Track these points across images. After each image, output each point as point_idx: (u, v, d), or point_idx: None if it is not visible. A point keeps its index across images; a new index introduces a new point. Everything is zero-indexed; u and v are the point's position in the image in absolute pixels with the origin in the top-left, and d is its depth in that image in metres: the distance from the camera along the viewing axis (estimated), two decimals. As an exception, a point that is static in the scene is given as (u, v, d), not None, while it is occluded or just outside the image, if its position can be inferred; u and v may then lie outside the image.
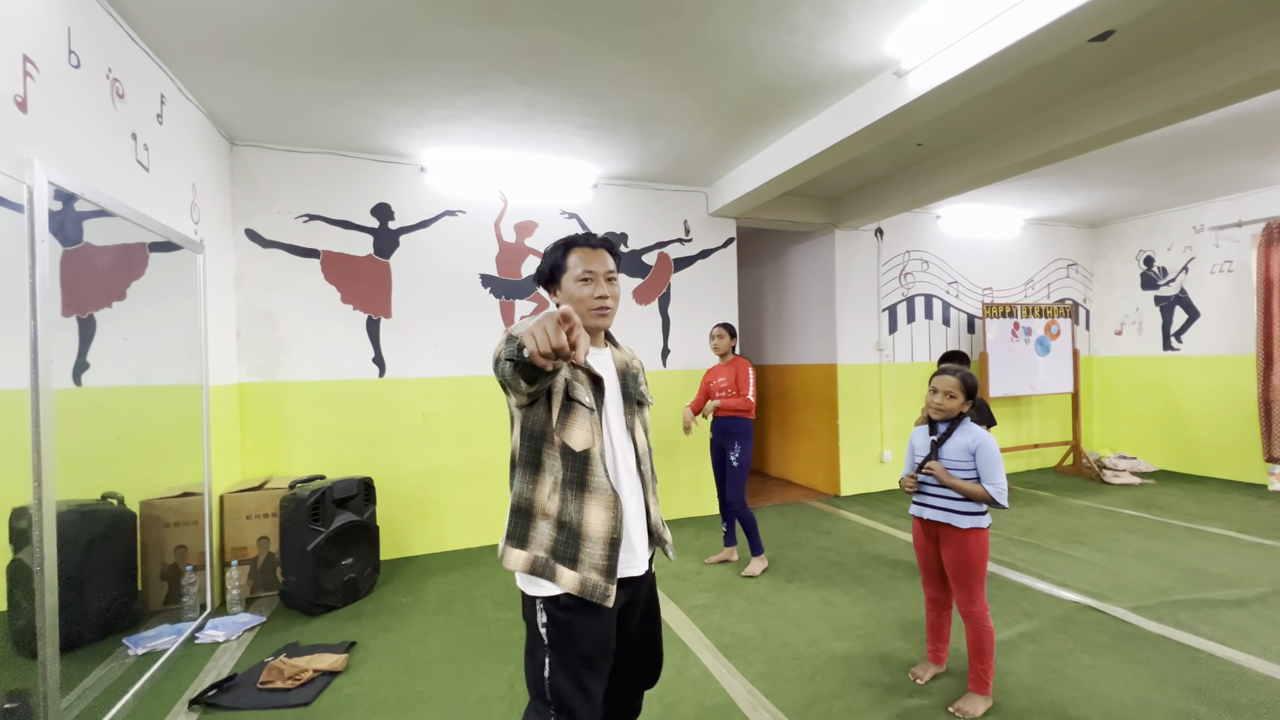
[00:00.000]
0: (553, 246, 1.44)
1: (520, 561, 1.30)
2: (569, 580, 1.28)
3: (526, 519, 1.32)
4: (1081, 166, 4.58)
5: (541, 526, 1.31)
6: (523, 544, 1.31)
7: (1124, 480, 5.65)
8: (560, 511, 1.30)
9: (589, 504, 1.31)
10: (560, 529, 1.30)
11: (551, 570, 1.28)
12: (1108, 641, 2.65)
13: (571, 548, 1.29)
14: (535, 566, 1.29)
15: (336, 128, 3.53)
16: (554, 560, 1.29)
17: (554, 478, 1.30)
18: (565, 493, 1.30)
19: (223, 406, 3.41)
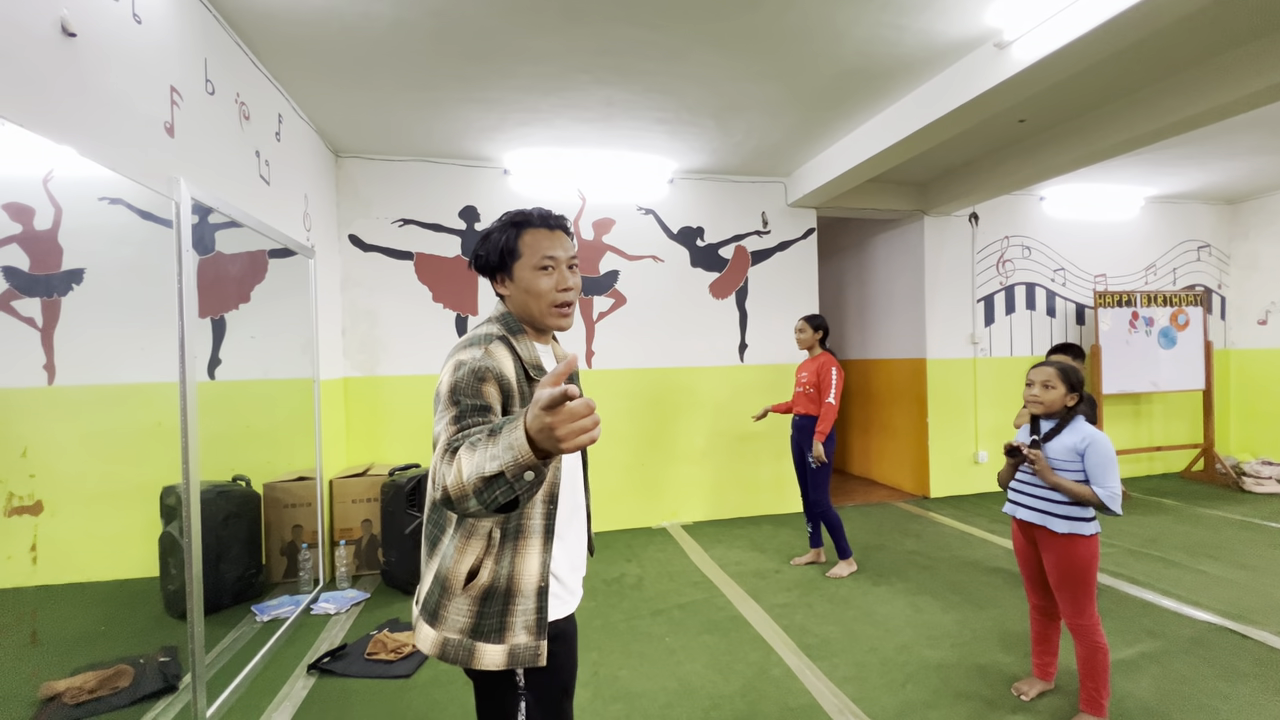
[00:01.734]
0: (499, 226, 1.16)
1: (429, 643, 1.06)
2: (492, 657, 1.05)
3: (445, 593, 1.06)
4: (1219, 135, 4.07)
5: (458, 604, 1.05)
6: (434, 621, 1.06)
7: (1269, 489, 5.00)
8: (492, 580, 1.05)
9: (522, 554, 1.07)
10: (485, 601, 1.05)
11: (469, 652, 1.05)
12: (1251, 668, 2.36)
13: (498, 617, 1.05)
14: (446, 650, 1.05)
15: (427, 136, 3.74)
16: (473, 639, 1.05)
17: (486, 541, 1.06)
18: (501, 552, 1.06)
19: (331, 399, 3.71)
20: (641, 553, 3.95)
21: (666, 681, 2.39)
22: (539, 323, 1.17)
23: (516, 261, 1.14)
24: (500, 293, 1.18)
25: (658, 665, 2.52)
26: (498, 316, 1.17)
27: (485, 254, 1.16)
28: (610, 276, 4.48)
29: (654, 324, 4.56)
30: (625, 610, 3.05)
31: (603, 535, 4.34)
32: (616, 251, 4.49)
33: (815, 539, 3.67)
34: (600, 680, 2.40)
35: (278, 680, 2.44)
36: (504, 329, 1.13)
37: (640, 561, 3.78)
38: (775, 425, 4.70)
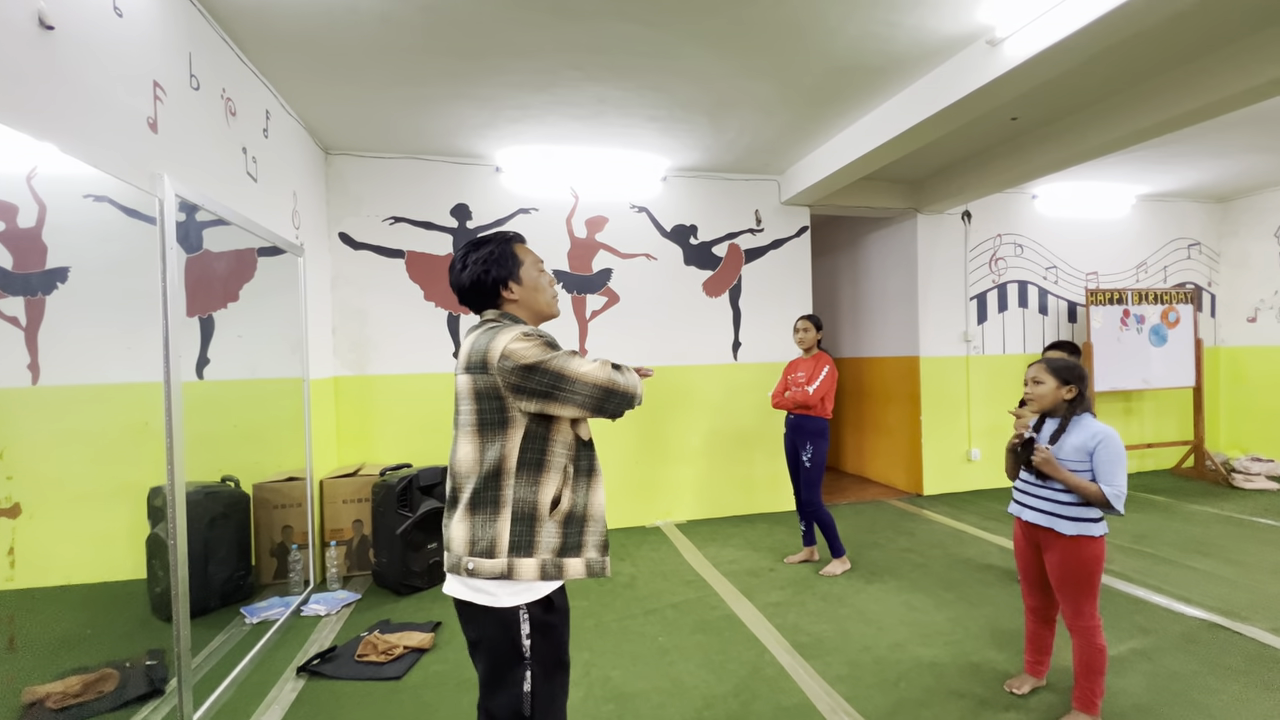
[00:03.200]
0: (499, 244, 1.37)
1: (532, 570, 1.24)
2: (574, 569, 1.28)
3: (530, 525, 1.25)
4: (1208, 133, 4.08)
5: (548, 528, 1.26)
6: (530, 551, 1.24)
7: (1258, 485, 5.04)
8: (572, 506, 1.29)
9: (595, 487, 1.34)
10: (568, 523, 1.28)
11: (557, 568, 1.26)
12: (1241, 665, 2.37)
13: (576, 536, 1.29)
14: (545, 571, 1.25)
15: (418, 132, 3.70)
16: (560, 557, 1.27)
17: (560, 474, 1.28)
18: (577, 484, 1.30)
19: (321, 398, 3.68)
20: (635, 552, 3.94)
21: (659, 681, 2.38)
22: (545, 310, 1.42)
23: (522, 267, 1.37)
24: (509, 298, 1.36)
25: (650, 665, 2.50)
26: (498, 317, 1.34)
27: (492, 270, 1.34)
28: (603, 275, 4.46)
29: (647, 322, 4.54)
30: (618, 610, 3.04)
31: (596, 534, 4.32)
32: (609, 250, 4.47)
33: (809, 537, 3.67)
34: (592, 680, 2.39)
35: (266, 683, 2.41)
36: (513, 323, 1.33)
37: (634, 560, 3.77)
38: (770, 424, 4.69)
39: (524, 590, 1.24)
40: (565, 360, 1.23)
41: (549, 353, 1.23)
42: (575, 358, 1.25)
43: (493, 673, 1.28)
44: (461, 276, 1.36)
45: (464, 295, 1.39)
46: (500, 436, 1.25)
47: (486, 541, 1.23)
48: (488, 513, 1.24)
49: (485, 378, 1.24)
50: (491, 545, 1.23)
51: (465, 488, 1.27)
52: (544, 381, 1.21)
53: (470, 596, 1.25)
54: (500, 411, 1.24)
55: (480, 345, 1.26)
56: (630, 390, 1.30)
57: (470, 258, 1.35)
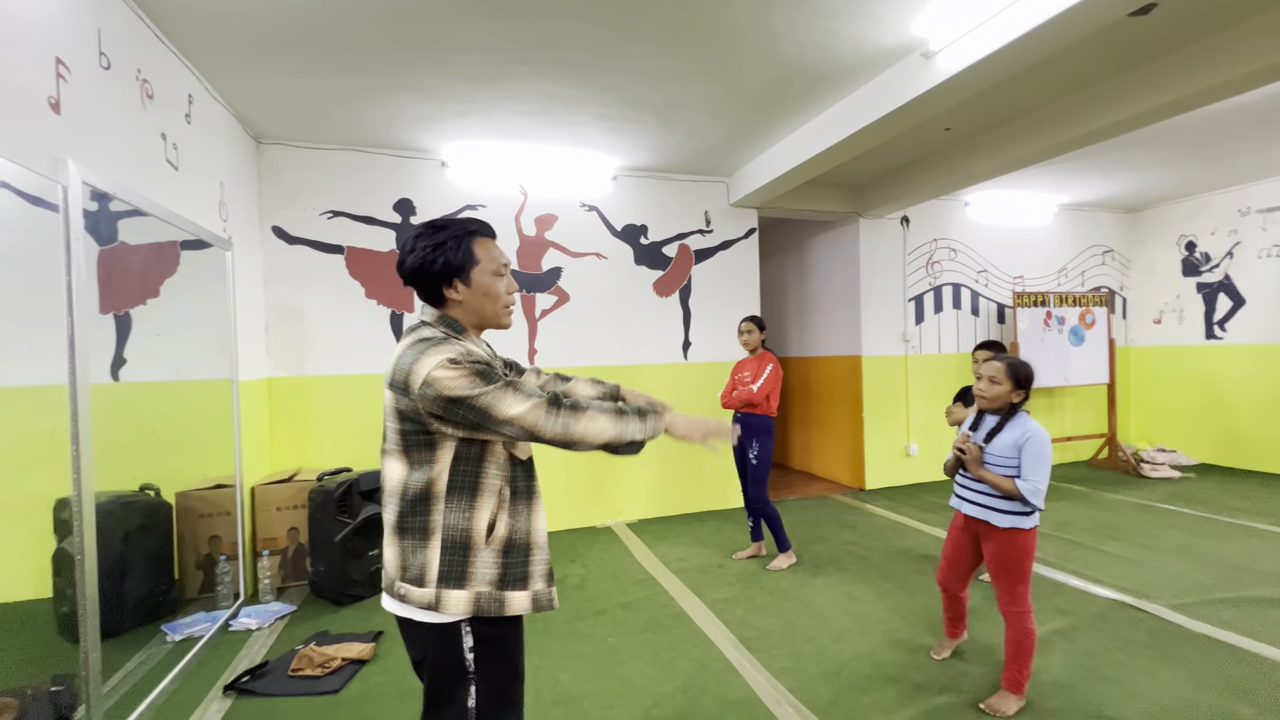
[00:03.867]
0: (454, 234, 1.22)
1: (463, 604, 1.15)
2: (518, 603, 1.19)
3: (463, 554, 1.15)
4: (1120, 148, 4.40)
5: (484, 558, 1.16)
6: (462, 583, 1.15)
7: (1163, 474, 5.47)
8: (511, 532, 1.20)
9: (536, 510, 1.25)
10: (509, 552, 1.19)
11: (497, 602, 1.17)
12: (1146, 640, 2.56)
13: (520, 566, 1.20)
14: (480, 605, 1.16)
15: (358, 124, 3.56)
16: (501, 589, 1.18)
17: (496, 497, 1.18)
18: (514, 508, 1.21)
19: (253, 400, 3.49)
20: (586, 553, 3.91)
21: (608, 682, 2.37)
22: (491, 322, 1.29)
23: (475, 267, 1.23)
24: (452, 298, 1.23)
25: (599, 666, 2.49)
26: (435, 321, 1.24)
27: (439, 260, 1.20)
28: (553, 273, 4.42)
29: (598, 322, 4.52)
30: (567, 612, 3.01)
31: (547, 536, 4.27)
32: (559, 248, 4.43)
33: (756, 533, 3.74)
34: (540, 684, 2.36)
35: (190, 703, 2.27)
36: (449, 331, 1.23)
37: (584, 562, 3.75)
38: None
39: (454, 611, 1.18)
40: (495, 398, 1.10)
41: (477, 387, 1.09)
42: (508, 395, 1.11)
43: (435, 689, 1.22)
44: (408, 259, 1.23)
45: (407, 280, 1.25)
46: (428, 459, 1.16)
47: (416, 569, 1.16)
48: (416, 539, 1.16)
49: (407, 400, 1.13)
50: (420, 574, 1.15)
51: (392, 508, 1.19)
52: (469, 418, 1.11)
53: (407, 613, 1.19)
54: (425, 433, 1.15)
55: (404, 364, 1.14)
56: (598, 441, 1.16)
57: (421, 241, 1.21)
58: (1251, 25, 2.63)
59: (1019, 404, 2.11)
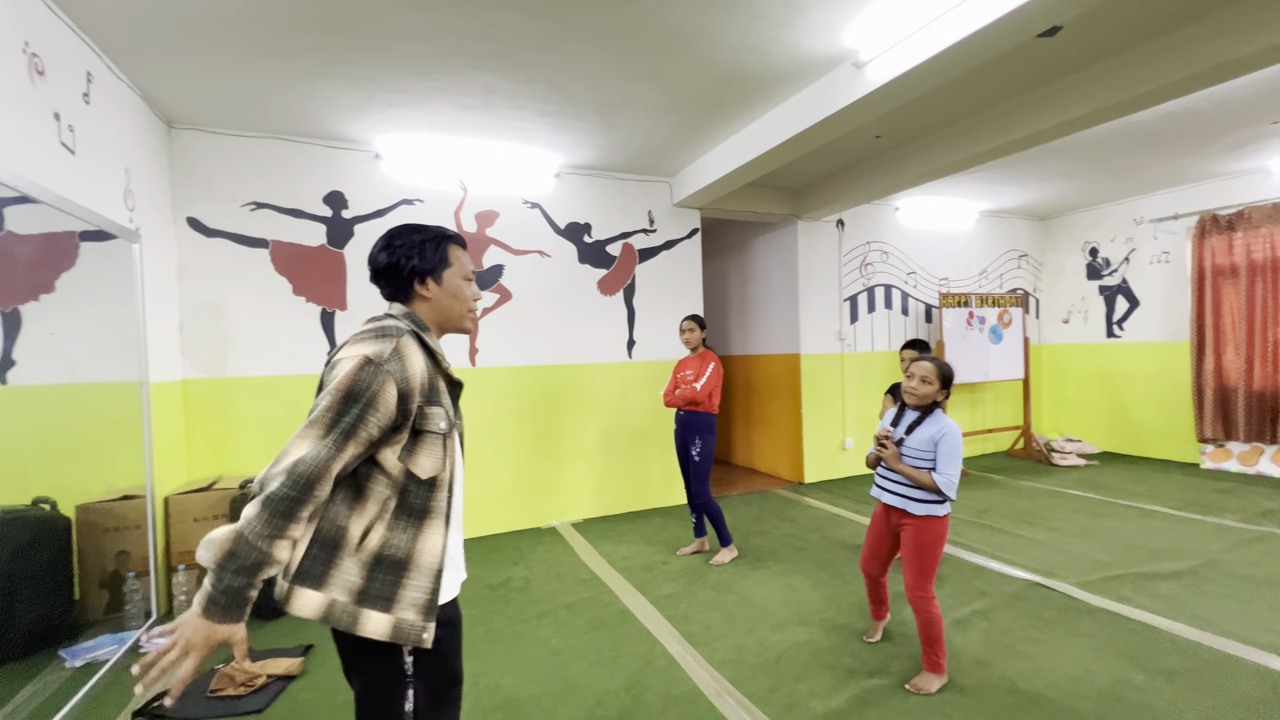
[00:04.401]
0: (433, 237, 1.27)
1: (313, 605, 1.06)
2: (374, 625, 1.08)
3: (330, 553, 1.08)
4: (1032, 160, 4.73)
5: (347, 565, 1.09)
6: (319, 583, 1.07)
7: (1070, 462, 5.92)
8: (383, 545, 1.11)
9: (427, 532, 1.15)
10: (377, 566, 1.10)
11: (351, 616, 1.07)
12: (1055, 616, 2.77)
13: (388, 586, 1.10)
14: (331, 613, 1.07)
15: (283, 111, 3.38)
16: (359, 604, 1.08)
17: (380, 506, 1.12)
18: (395, 522, 1.12)
19: (165, 404, 3.25)
20: (529, 554, 3.86)
21: (551, 684, 2.35)
22: (455, 325, 1.32)
23: (448, 269, 1.28)
24: (422, 294, 1.26)
25: (542, 668, 2.47)
26: (400, 315, 1.24)
27: (415, 258, 1.24)
28: (495, 271, 4.33)
29: (541, 320, 4.47)
30: (510, 615, 2.97)
31: (490, 539, 4.19)
32: (501, 245, 4.35)
33: (699, 529, 3.80)
34: (481, 690, 2.31)
35: (92, 734, 2.09)
36: (415, 326, 1.22)
37: (528, 563, 3.70)
38: (663, 420, 4.80)
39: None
40: (315, 419, 1.05)
41: (331, 397, 1.06)
42: (316, 428, 1.04)
43: (369, 694, 1.18)
44: (379, 256, 1.26)
45: (375, 276, 1.28)
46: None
47: (296, 561, 1.09)
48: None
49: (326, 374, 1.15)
50: (290, 566, 1.08)
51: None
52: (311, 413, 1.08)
53: None
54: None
55: (344, 342, 1.17)
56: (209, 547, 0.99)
57: (397, 241, 1.25)
58: (1144, 51, 2.88)
59: (941, 401, 2.25)
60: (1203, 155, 4.72)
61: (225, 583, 0.97)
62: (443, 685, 1.21)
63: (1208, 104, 3.67)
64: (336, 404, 1.06)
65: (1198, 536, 3.75)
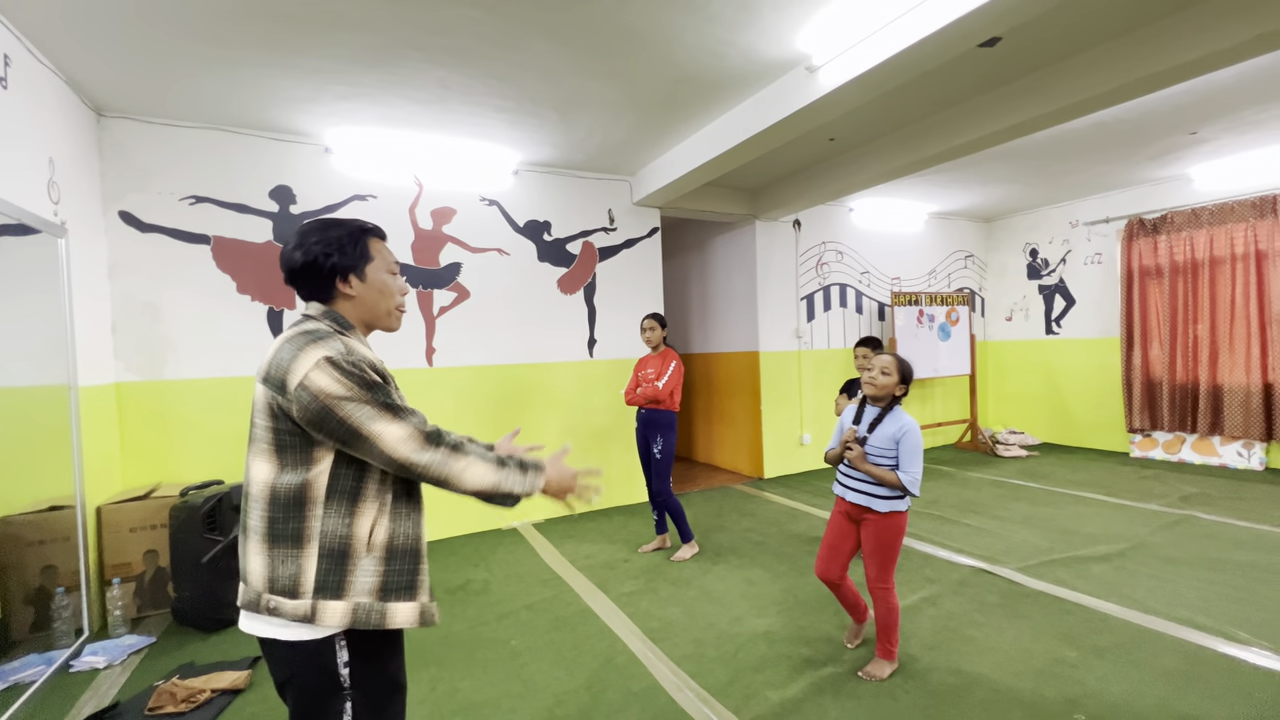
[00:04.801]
0: (350, 232, 1.21)
1: (340, 615, 1.07)
2: (404, 615, 1.12)
3: (343, 562, 1.09)
4: (976, 164, 4.93)
5: (364, 565, 1.10)
6: (339, 592, 1.08)
7: (1013, 453, 6.21)
8: (391, 537, 1.13)
9: (421, 518, 1.20)
10: (392, 559, 1.13)
11: (381, 613, 1.10)
12: (997, 600, 2.90)
13: (409, 574, 1.14)
14: (358, 616, 1.09)
15: (225, 101, 3.23)
16: (385, 600, 1.11)
17: (378, 502, 1.13)
18: (396, 512, 1.15)
19: (97, 409, 3.07)
20: (490, 556, 3.82)
21: (510, 686, 2.33)
22: (381, 322, 1.27)
23: (370, 264, 1.22)
24: (344, 293, 1.20)
25: (501, 670, 2.45)
26: (320, 315, 1.20)
27: (333, 256, 1.18)
28: (452, 269, 4.25)
29: (500, 319, 4.42)
30: (469, 618, 2.93)
31: (449, 541, 4.12)
32: (458, 243, 4.27)
33: (660, 526, 3.82)
34: (439, 696, 2.28)
35: (16, 761, 1.96)
36: (336, 326, 1.18)
37: (488, 565, 3.65)
38: (624, 419, 4.81)
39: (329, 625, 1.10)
40: (369, 417, 1.07)
41: (354, 400, 1.06)
42: (385, 418, 1.08)
43: (305, 709, 1.13)
44: (294, 255, 1.18)
45: (291, 277, 1.20)
46: (304, 460, 1.09)
47: (287, 580, 1.07)
48: (288, 546, 1.08)
49: (283, 399, 1.08)
50: (293, 584, 1.07)
51: (259, 513, 1.10)
52: (338, 433, 1.07)
53: (274, 633, 1.10)
54: (302, 434, 1.09)
55: (283, 360, 1.09)
56: (475, 487, 1.13)
57: (311, 238, 1.18)
58: (1075, 63, 3.04)
59: (900, 396, 2.30)
60: (1129, 163, 5.02)
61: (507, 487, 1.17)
62: (384, 694, 1.18)
63: (1133, 115, 3.90)
64: (366, 397, 1.08)
65: (1126, 521, 4.00)
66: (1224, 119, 4.03)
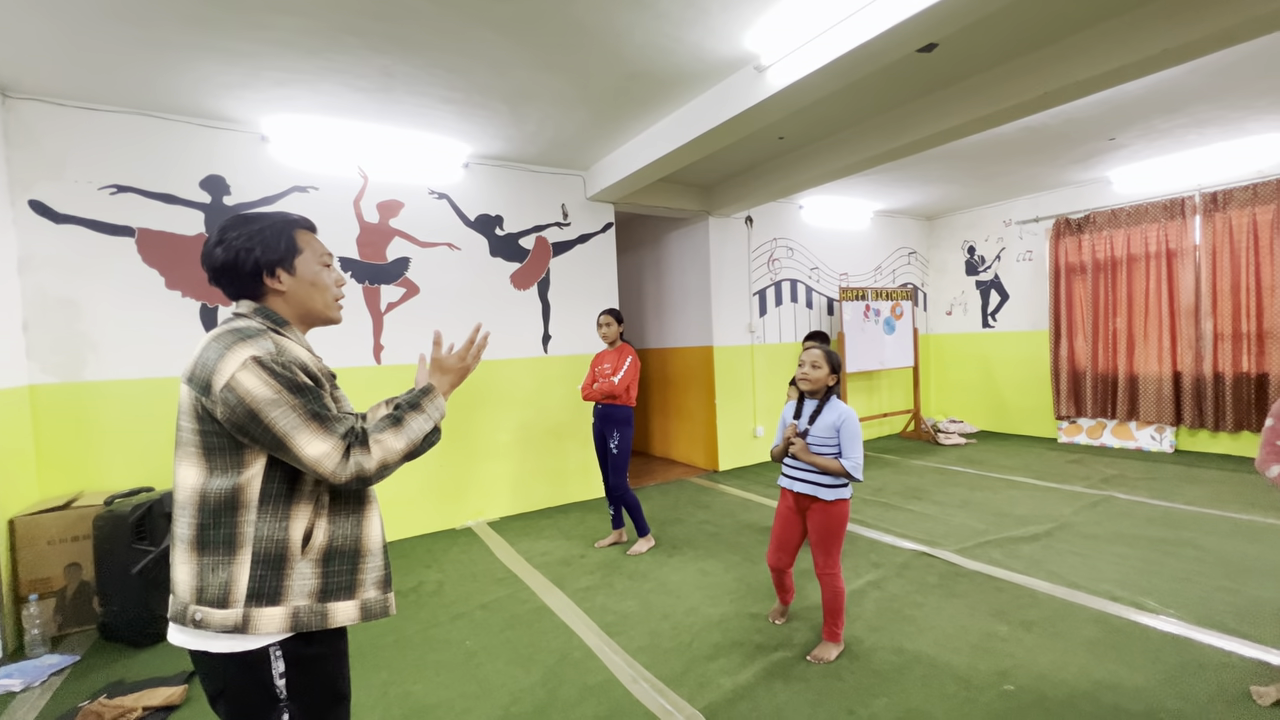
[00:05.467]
0: (273, 224, 1.16)
1: (278, 621, 1.04)
2: (344, 613, 1.11)
3: (278, 567, 1.05)
4: (918, 165, 5.13)
5: (301, 569, 1.07)
6: (276, 599, 1.05)
7: (953, 441, 6.52)
8: (331, 539, 1.11)
9: (368, 516, 1.17)
10: (330, 560, 1.10)
11: (322, 615, 1.08)
12: (937, 581, 3.05)
13: (347, 574, 1.12)
14: (299, 620, 1.06)
15: (149, 84, 3.04)
16: (325, 601, 1.09)
17: (314, 504, 1.10)
18: (336, 514, 1.12)
19: (8, 413, 2.86)
20: (443, 556, 3.75)
21: (465, 686, 2.31)
22: (320, 315, 1.22)
23: (299, 256, 1.17)
24: (274, 288, 1.15)
25: (455, 672, 2.41)
26: (252, 312, 1.15)
27: (256, 250, 1.12)
28: (400, 264, 4.14)
29: (451, 315, 4.33)
30: (422, 620, 2.87)
31: (400, 543, 4.03)
32: (406, 237, 4.16)
33: (617, 520, 3.84)
34: (390, 700, 2.23)
35: (-81, 796, 1.82)
36: (269, 323, 1.14)
37: (441, 566, 3.59)
38: (580, 414, 4.80)
39: (262, 635, 1.06)
40: (295, 427, 1.02)
41: (281, 405, 1.02)
42: (310, 429, 1.03)
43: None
44: (214, 253, 1.12)
45: (215, 275, 1.15)
46: (235, 463, 1.05)
47: (217, 589, 1.03)
48: (219, 554, 1.04)
49: (207, 401, 1.03)
50: (224, 593, 1.03)
51: (188, 520, 1.05)
52: (264, 438, 1.03)
53: (203, 645, 1.05)
54: (230, 436, 1.05)
55: (208, 359, 1.04)
56: (397, 460, 1.12)
57: (232, 233, 1.12)
58: (1006, 70, 3.20)
59: (834, 387, 2.40)
60: (1056, 165, 5.33)
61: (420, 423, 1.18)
62: (325, 705, 1.14)
63: (1058, 121, 4.14)
64: (294, 401, 1.03)
65: (1053, 502, 4.26)
66: (1138, 126, 4.33)
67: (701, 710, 2.10)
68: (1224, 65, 3.34)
